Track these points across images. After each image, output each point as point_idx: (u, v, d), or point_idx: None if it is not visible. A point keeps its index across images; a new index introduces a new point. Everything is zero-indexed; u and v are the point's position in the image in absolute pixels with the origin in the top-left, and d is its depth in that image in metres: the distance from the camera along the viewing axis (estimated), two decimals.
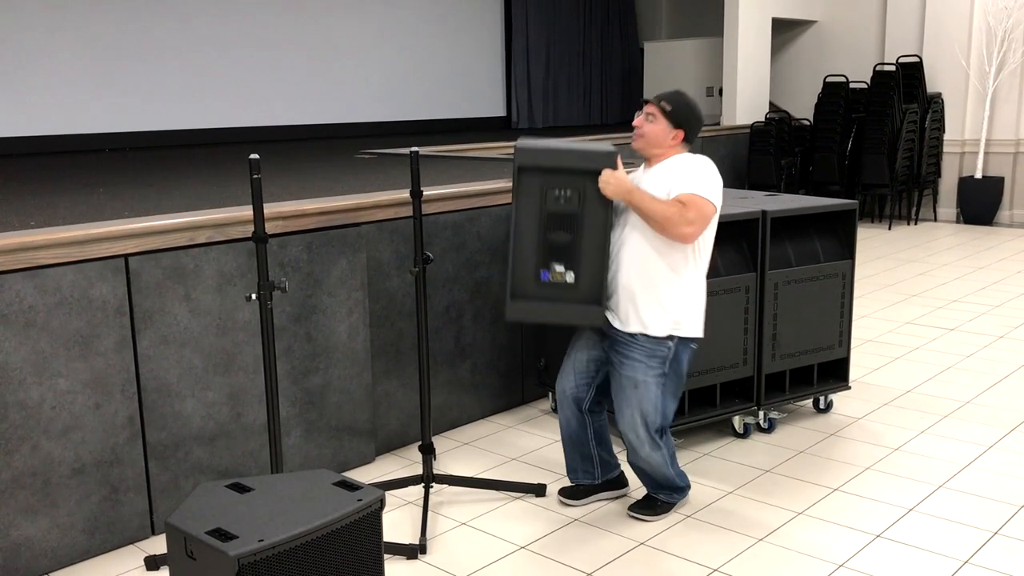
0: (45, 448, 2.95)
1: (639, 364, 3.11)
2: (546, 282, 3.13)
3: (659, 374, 3.12)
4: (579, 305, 3.12)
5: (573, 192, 3.07)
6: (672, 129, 3.11)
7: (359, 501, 2.24)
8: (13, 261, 2.81)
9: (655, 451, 3.21)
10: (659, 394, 3.14)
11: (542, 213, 3.10)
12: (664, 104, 3.10)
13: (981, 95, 9.54)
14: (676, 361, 3.15)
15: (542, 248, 3.12)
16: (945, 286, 6.87)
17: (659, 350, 3.10)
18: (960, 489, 3.51)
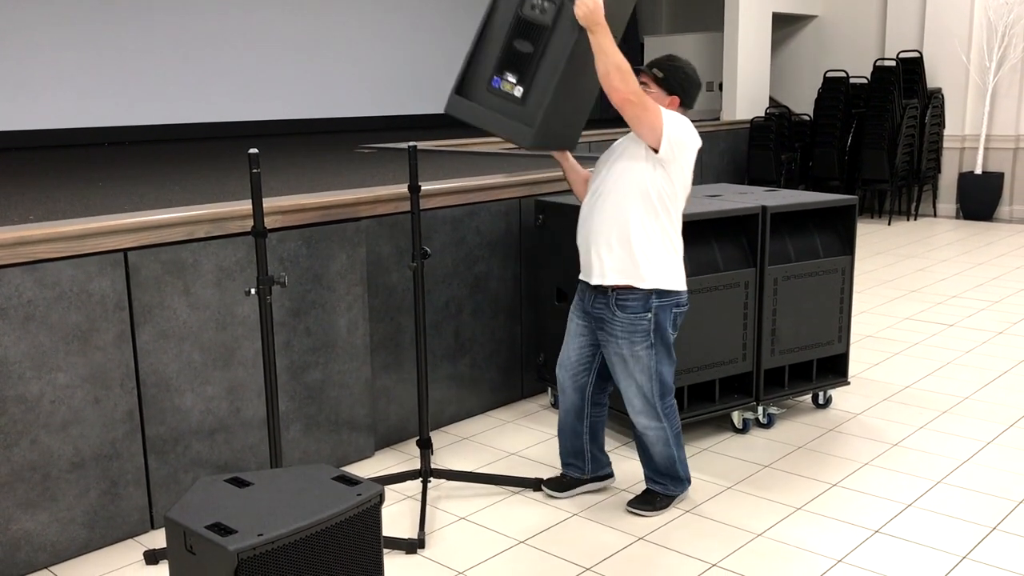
0: (44, 442, 2.95)
1: (623, 340, 3.11)
2: (495, 89, 3.05)
3: (647, 346, 3.11)
4: (515, 122, 3.04)
5: (551, 5, 2.97)
6: (666, 96, 3.10)
7: (358, 496, 2.24)
8: (12, 255, 2.81)
9: (653, 420, 3.20)
10: (650, 364, 3.13)
11: (516, 16, 3.00)
12: (656, 71, 3.09)
13: (981, 90, 9.54)
14: (659, 329, 3.11)
15: (504, 52, 3.02)
16: (944, 282, 6.87)
17: (639, 323, 3.08)
18: (959, 485, 3.51)
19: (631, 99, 2.90)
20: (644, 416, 3.22)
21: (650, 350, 3.11)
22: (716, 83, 10.63)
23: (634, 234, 3.04)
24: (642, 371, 3.14)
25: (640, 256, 3.04)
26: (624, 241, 3.05)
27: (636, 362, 3.13)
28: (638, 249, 3.04)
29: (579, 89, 3.00)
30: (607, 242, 3.07)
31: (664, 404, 3.21)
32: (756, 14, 10.08)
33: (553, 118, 3.05)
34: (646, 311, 3.08)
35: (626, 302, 3.08)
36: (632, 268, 3.06)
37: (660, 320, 3.11)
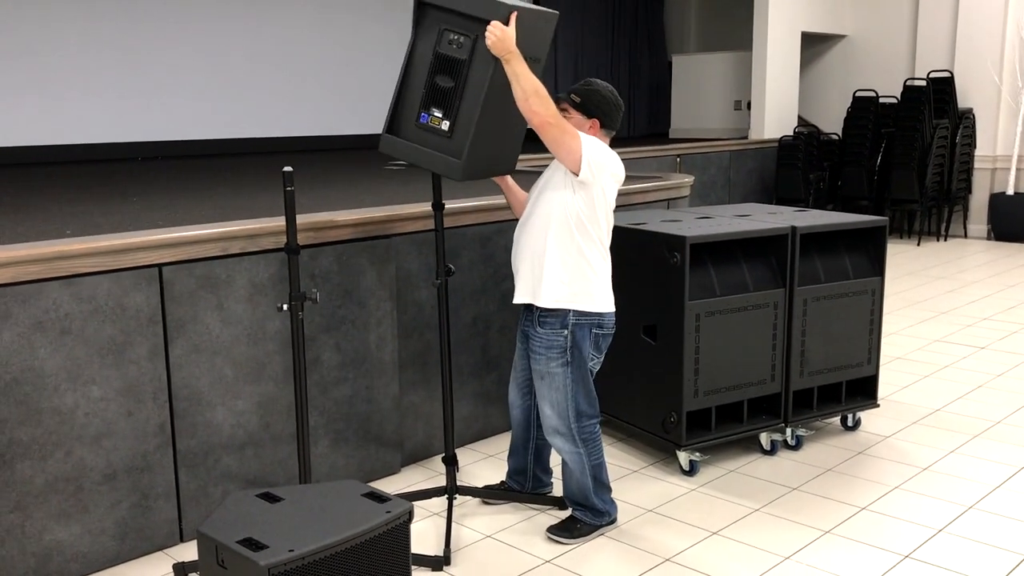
0: (78, 454, 2.99)
1: (540, 356, 3.15)
2: (423, 124, 3.11)
3: (562, 363, 3.12)
4: (444, 155, 3.09)
5: (466, 39, 3.03)
6: (586, 120, 3.14)
7: (388, 513, 2.26)
8: (51, 269, 2.86)
9: (568, 443, 3.20)
10: (566, 383, 3.14)
11: (435, 53, 3.06)
12: (573, 96, 3.14)
13: (1013, 110, 9.45)
14: (576, 348, 3.12)
15: (427, 89, 3.08)
16: (975, 304, 6.80)
17: (556, 339, 3.11)
18: (990, 510, 3.47)
19: (550, 122, 2.94)
20: (559, 437, 3.22)
21: (565, 368, 3.13)
22: (744, 102, 10.62)
23: (551, 256, 3.08)
24: (557, 389, 3.15)
25: (556, 278, 3.08)
26: (541, 263, 3.10)
27: (551, 379, 3.15)
28: (555, 271, 3.08)
29: (507, 116, 3.07)
30: (529, 264, 3.15)
31: (580, 427, 3.19)
32: (785, 33, 10.07)
33: (481, 148, 3.12)
34: (563, 328, 3.11)
35: (546, 319, 3.13)
36: (550, 289, 3.09)
37: (577, 339, 3.12)
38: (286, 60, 8.70)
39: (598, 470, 3.26)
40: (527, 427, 3.46)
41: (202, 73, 8.16)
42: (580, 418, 3.19)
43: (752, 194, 9.90)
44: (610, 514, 3.33)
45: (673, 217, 4.18)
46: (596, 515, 3.30)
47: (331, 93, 9.02)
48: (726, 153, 9.56)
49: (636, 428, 4.00)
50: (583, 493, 3.27)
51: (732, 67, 10.80)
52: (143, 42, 7.80)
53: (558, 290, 3.09)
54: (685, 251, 3.59)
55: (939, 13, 9.90)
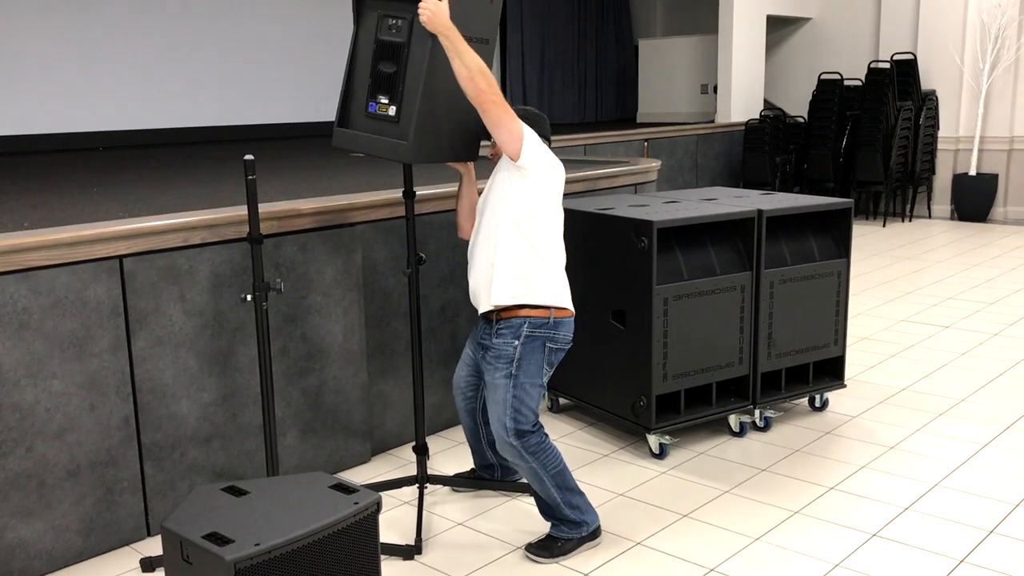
0: (40, 450, 2.93)
1: (488, 366, 3.04)
2: (372, 113, 3.09)
3: (506, 374, 2.98)
4: (392, 140, 3.07)
5: (403, 22, 3.00)
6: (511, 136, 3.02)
7: (356, 504, 2.24)
8: (7, 263, 2.80)
9: (517, 458, 3.03)
10: (506, 396, 2.99)
11: (375, 41, 3.05)
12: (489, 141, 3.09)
13: (975, 92, 9.56)
14: (524, 360, 2.99)
15: (372, 77, 3.07)
16: (940, 283, 6.88)
17: (505, 350, 2.99)
18: (956, 487, 3.51)
19: (494, 100, 2.86)
20: (508, 452, 3.05)
21: (507, 380, 2.99)
22: (711, 86, 10.65)
23: (502, 254, 2.98)
24: (497, 402, 3.01)
25: (509, 274, 2.97)
26: (493, 263, 3.00)
27: (494, 390, 3.02)
28: (506, 268, 2.97)
29: (459, 95, 3.03)
30: (485, 271, 3.04)
31: (523, 443, 3.01)
32: (750, 17, 10.10)
33: (429, 129, 3.08)
34: (515, 339, 2.98)
35: (501, 329, 3.01)
36: (503, 286, 2.98)
37: (525, 351, 2.99)
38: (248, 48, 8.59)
39: (560, 478, 3.06)
40: (475, 426, 3.42)
41: (163, 62, 8.04)
42: (520, 435, 3.01)
43: (719, 178, 9.94)
44: (587, 524, 3.11)
45: (640, 202, 4.18)
46: (573, 527, 3.09)
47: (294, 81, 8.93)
48: (693, 137, 9.59)
49: (606, 412, 4.01)
50: (553, 507, 3.09)
51: (698, 51, 10.82)
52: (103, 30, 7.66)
53: (512, 285, 2.97)
54: (652, 236, 3.59)
55: None
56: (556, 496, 3.07)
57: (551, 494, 3.07)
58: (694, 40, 10.87)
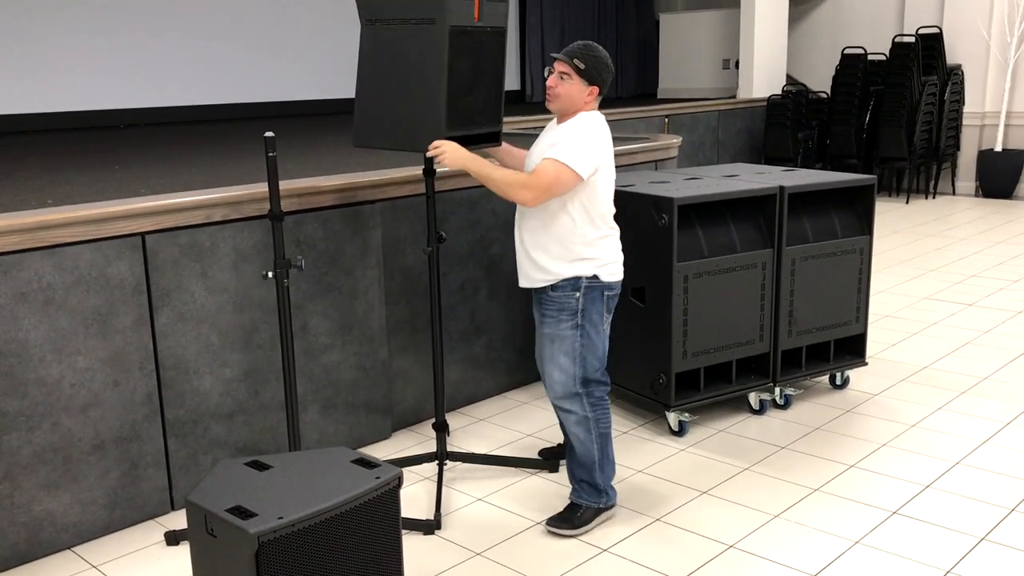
0: (65, 425, 2.97)
1: (550, 319, 3.08)
2: None
3: (572, 325, 3.05)
4: None
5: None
6: (587, 86, 3.01)
7: (377, 479, 2.26)
8: (32, 239, 2.83)
9: (575, 407, 3.10)
10: (575, 345, 3.06)
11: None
12: (577, 62, 2.98)
13: (1002, 66, 9.41)
14: (587, 311, 3.06)
15: None
16: (963, 261, 6.82)
17: (567, 302, 3.04)
18: (977, 466, 3.50)
19: (542, 193, 2.93)
20: (567, 401, 3.11)
21: (575, 331, 3.06)
22: (732, 61, 10.54)
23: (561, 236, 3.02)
24: (566, 352, 3.07)
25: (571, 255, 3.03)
26: (552, 243, 3.04)
27: (561, 342, 3.07)
28: (567, 250, 3.03)
29: (408, 82, 3.04)
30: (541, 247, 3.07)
31: (588, 392, 3.10)
32: None
33: (372, 115, 3.17)
34: (575, 290, 3.05)
35: (560, 282, 3.06)
36: (563, 267, 3.05)
37: (588, 301, 3.06)
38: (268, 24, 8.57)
39: (605, 441, 3.13)
40: None
41: (184, 39, 8.04)
42: (588, 383, 3.09)
43: (741, 154, 9.86)
44: (608, 495, 3.17)
45: (661, 178, 4.16)
46: (596, 495, 3.14)
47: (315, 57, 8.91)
48: (714, 113, 9.50)
49: (625, 390, 4.01)
50: (588, 466, 3.13)
51: (720, 25, 10.70)
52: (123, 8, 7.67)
53: (575, 265, 3.03)
54: (673, 212, 3.57)
55: None
56: (595, 455, 3.14)
57: (591, 452, 3.13)
58: (716, 14, 10.75)
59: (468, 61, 3.03)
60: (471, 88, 3.08)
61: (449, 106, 3.01)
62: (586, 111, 3.05)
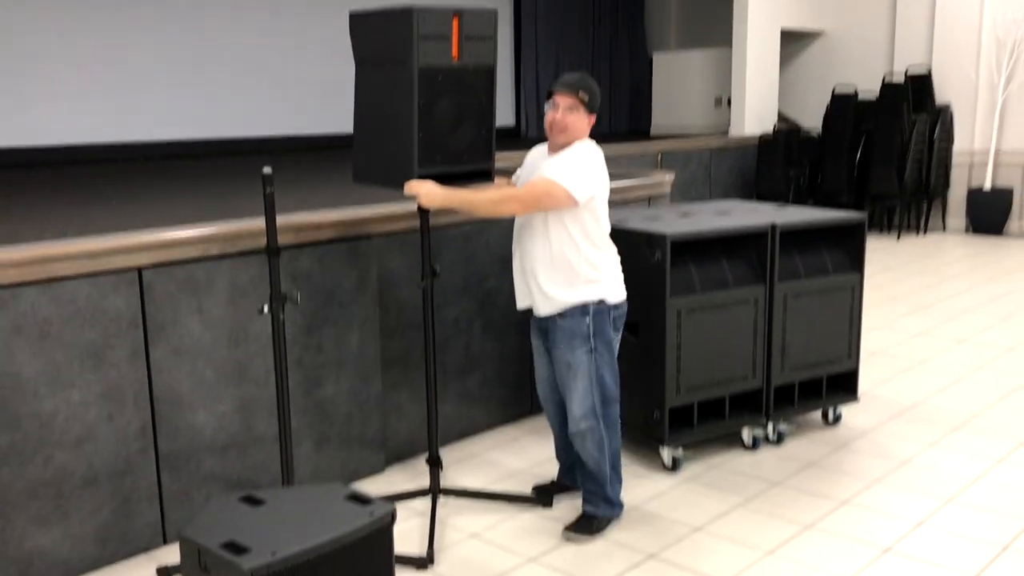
0: (58, 459, 2.97)
1: (563, 346, 3.19)
2: None
3: (587, 350, 3.18)
4: None
5: None
6: (588, 116, 3.16)
7: (371, 515, 2.26)
8: (29, 273, 2.84)
9: (594, 427, 3.23)
10: (592, 369, 3.19)
11: None
12: (582, 95, 3.12)
13: (990, 106, 9.53)
14: (600, 333, 3.18)
15: None
16: (954, 298, 6.86)
17: (579, 329, 3.16)
18: (970, 503, 3.51)
19: (527, 202, 3.06)
20: (585, 422, 3.24)
21: (590, 355, 3.18)
22: (724, 98, 10.65)
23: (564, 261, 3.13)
24: (583, 376, 3.19)
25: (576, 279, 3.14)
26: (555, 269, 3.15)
27: (577, 367, 3.19)
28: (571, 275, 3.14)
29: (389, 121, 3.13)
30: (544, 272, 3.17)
31: (606, 412, 3.26)
32: (764, 30, 10.11)
33: (366, 153, 3.27)
34: (584, 315, 3.15)
35: (569, 309, 3.17)
36: (569, 293, 3.16)
37: (599, 324, 3.17)
38: (266, 60, 8.65)
39: (616, 458, 3.32)
40: (564, 422, 3.43)
41: (181, 74, 8.11)
42: (606, 403, 3.25)
43: (733, 190, 9.94)
44: (619, 506, 3.37)
45: (654, 215, 4.20)
46: (608, 506, 3.35)
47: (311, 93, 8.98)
48: (707, 150, 9.59)
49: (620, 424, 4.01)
50: (601, 482, 3.30)
51: (712, 64, 10.82)
52: (121, 43, 7.74)
53: (580, 291, 3.14)
54: (666, 248, 3.61)
55: (916, 9, 9.97)
56: (607, 471, 3.30)
57: (604, 468, 3.29)
58: (708, 53, 10.88)
59: (450, 100, 3.08)
60: (455, 127, 3.13)
61: (426, 145, 3.05)
62: (582, 139, 3.17)
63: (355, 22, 3.23)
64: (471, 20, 3.08)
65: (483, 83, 3.18)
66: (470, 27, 3.08)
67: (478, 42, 3.12)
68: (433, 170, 3.11)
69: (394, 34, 3.03)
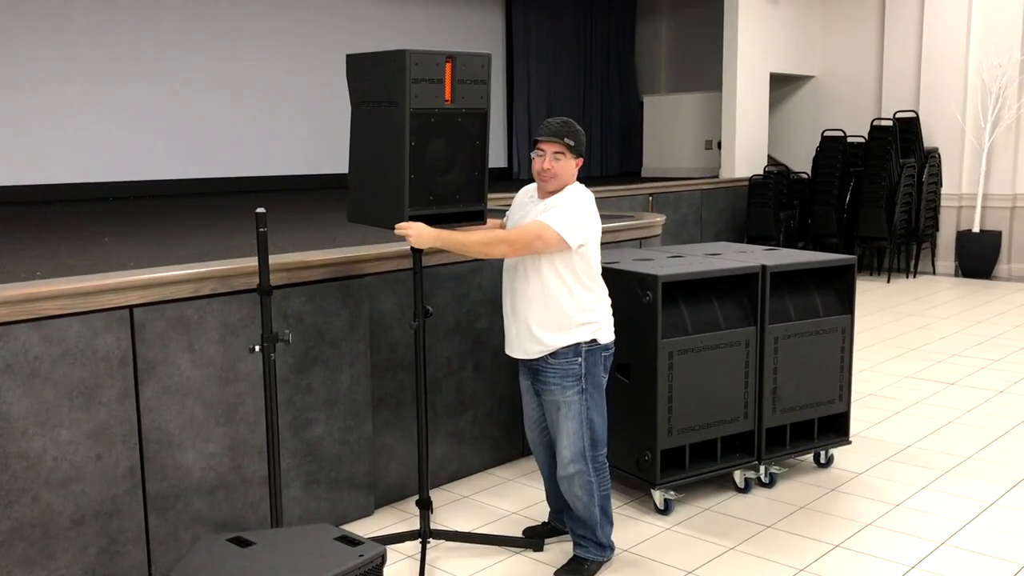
0: (45, 499, 2.94)
1: (555, 386, 3.18)
2: None
3: (578, 390, 3.17)
4: None
5: None
6: (576, 159, 3.18)
7: (360, 556, 2.24)
8: (19, 312, 2.83)
9: (583, 471, 3.21)
10: (581, 410, 3.18)
11: None
12: (568, 140, 3.13)
13: (977, 150, 9.65)
14: (591, 373, 3.19)
15: None
16: (945, 340, 6.89)
17: (570, 368, 3.16)
18: (962, 547, 3.49)
19: (518, 245, 3.09)
20: (574, 466, 3.22)
21: (581, 395, 3.18)
22: (715, 142, 10.76)
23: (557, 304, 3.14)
24: (573, 417, 3.18)
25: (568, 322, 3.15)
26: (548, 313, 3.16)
27: (567, 408, 3.18)
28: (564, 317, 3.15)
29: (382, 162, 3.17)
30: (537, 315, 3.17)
31: (595, 455, 3.24)
32: (754, 74, 10.24)
33: (360, 193, 3.31)
34: (576, 355, 3.16)
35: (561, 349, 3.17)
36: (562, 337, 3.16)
37: (590, 364, 3.18)
38: (258, 99, 8.72)
39: (605, 501, 3.29)
40: (553, 466, 3.40)
41: (174, 113, 8.16)
42: (595, 446, 3.23)
43: (724, 232, 10.00)
44: (610, 550, 3.35)
45: (645, 256, 4.22)
46: (600, 550, 3.32)
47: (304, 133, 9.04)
48: (697, 192, 9.66)
49: (610, 467, 3.99)
50: (591, 526, 3.28)
51: (703, 107, 10.95)
52: (115, 82, 7.79)
53: (573, 333, 3.15)
54: (657, 290, 3.62)
55: (903, 55, 10.13)
56: (597, 515, 3.27)
57: (594, 513, 3.25)
58: (698, 97, 11.02)
59: (442, 142, 3.11)
60: (447, 168, 3.16)
61: (417, 186, 3.09)
62: (571, 183, 3.19)
63: (351, 64, 3.27)
64: (465, 64, 3.12)
65: (476, 126, 3.21)
66: (463, 71, 3.11)
67: (472, 86, 3.15)
68: (425, 211, 3.13)
69: (388, 76, 3.06)
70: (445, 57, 3.07)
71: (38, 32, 7.35)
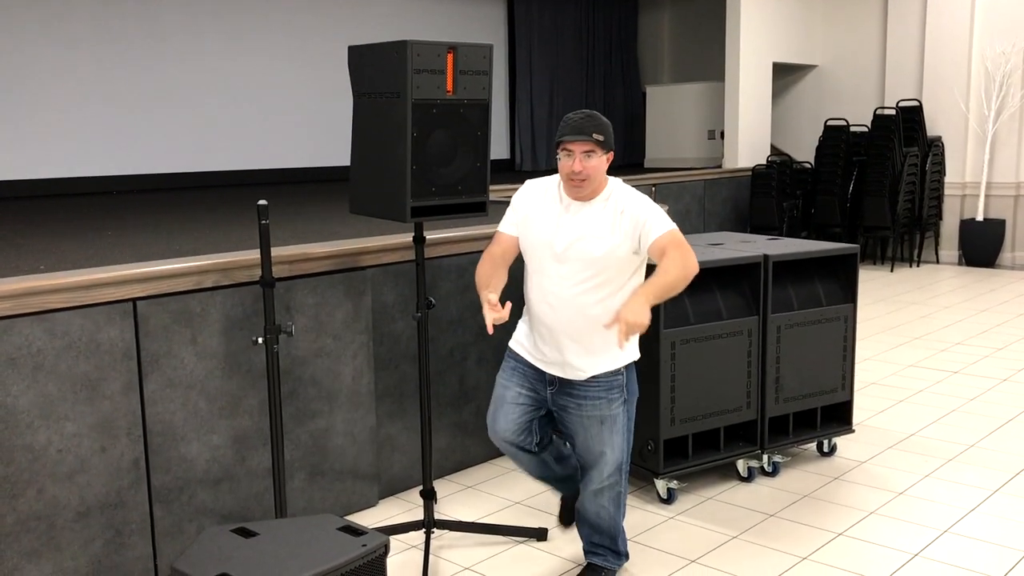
0: (50, 491, 2.95)
1: (601, 401, 2.96)
2: None
3: (621, 402, 2.99)
4: None
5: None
6: (607, 154, 2.91)
7: (364, 546, 2.25)
8: (23, 305, 2.85)
9: (618, 483, 3.05)
10: (626, 422, 3.01)
11: None
12: (597, 136, 2.86)
13: (981, 138, 9.62)
14: (630, 384, 3.02)
15: None
16: (948, 328, 6.88)
17: (615, 380, 2.96)
18: (965, 534, 3.50)
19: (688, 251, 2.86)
20: (611, 478, 3.05)
21: (623, 406, 3.01)
22: (718, 131, 10.74)
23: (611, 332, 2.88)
24: (618, 431, 3.01)
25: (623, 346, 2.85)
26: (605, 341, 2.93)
27: (613, 422, 2.99)
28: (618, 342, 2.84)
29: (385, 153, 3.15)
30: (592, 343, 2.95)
31: (628, 466, 3.12)
32: (756, 64, 10.22)
33: (363, 184, 3.31)
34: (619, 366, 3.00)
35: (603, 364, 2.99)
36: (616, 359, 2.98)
37: (630, 375, 3.03)
38: (260, 92, 8.72)
39: (625, 508, 3.18)
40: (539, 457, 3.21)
41: (176, 106, 8.16)
42: (628, 456, 3.08)
43: (727, 222, 9.99)
44: (625, 557, 3.23)
45: None
46: (617, 558, 3.20)
47: (306, 125, 9.04)
48: (700, 182, 9.65)
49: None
50: (614, 535, 3.15)
51: (705, 97, 10.92)
52: (116, 75, 7.80)
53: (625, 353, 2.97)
54: None
55: (906, 43, 10.10)
56: (620, 524, 3.15)
57: (617, 522, 3.14)
58: (701, 87, 10.99)
59: (444, 132, 3.11)
60: (449, 159, 3.16)
61: (420, 177, 3.08)
62: (606, 181, 2.96)
63: (353, 55, 3.27)
64: (466, 55, 3.12)
65: (478, 117, 3.21)
66: (465, 62, 3.11)
67: (473, 76, 3.15)
68: (427, 202, 3.13)
69: (389, 67, 3.06)
70: (447, 48, 3.07)
71: (39, 26, 7.35)
